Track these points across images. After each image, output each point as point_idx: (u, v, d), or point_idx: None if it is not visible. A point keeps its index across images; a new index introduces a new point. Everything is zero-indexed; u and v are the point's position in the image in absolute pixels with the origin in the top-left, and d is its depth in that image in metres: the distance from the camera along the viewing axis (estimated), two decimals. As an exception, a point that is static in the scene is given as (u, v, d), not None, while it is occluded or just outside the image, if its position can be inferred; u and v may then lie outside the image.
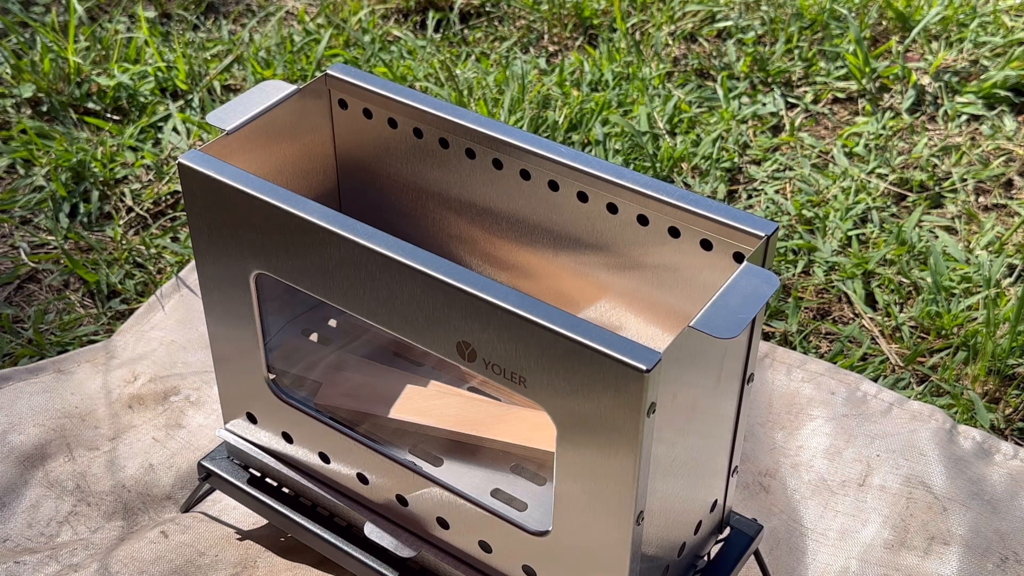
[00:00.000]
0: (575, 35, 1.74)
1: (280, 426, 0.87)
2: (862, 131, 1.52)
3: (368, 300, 0.74)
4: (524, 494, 0.84)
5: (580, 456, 0.69)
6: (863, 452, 1.08)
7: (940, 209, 1.41)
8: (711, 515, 0.84)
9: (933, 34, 1.70)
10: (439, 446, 0.88)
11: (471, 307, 0.68)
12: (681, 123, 1.53)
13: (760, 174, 1.46)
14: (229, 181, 0.76)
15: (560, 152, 0.80)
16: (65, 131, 1.50)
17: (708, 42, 1.71)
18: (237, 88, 1.61)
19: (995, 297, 1.25)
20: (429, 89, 1.58)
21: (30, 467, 1.05)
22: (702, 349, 0.70)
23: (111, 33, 1.69)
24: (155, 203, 1.40)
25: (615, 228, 0.81)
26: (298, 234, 0.74)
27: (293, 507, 0.90)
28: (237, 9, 1.81)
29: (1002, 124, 1.53)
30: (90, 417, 1.10)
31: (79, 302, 1.27)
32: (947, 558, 0.99)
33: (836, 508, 1.04)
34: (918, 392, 1.17)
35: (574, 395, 0.67)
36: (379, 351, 0.96)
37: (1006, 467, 1.07)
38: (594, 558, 0.73)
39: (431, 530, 0.82)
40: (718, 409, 0.77)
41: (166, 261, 1.31)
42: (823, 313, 1.27)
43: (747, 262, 0.70)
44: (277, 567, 0.92)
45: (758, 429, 1.11)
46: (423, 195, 0.91)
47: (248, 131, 0.83)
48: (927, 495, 1.04)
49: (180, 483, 1.05)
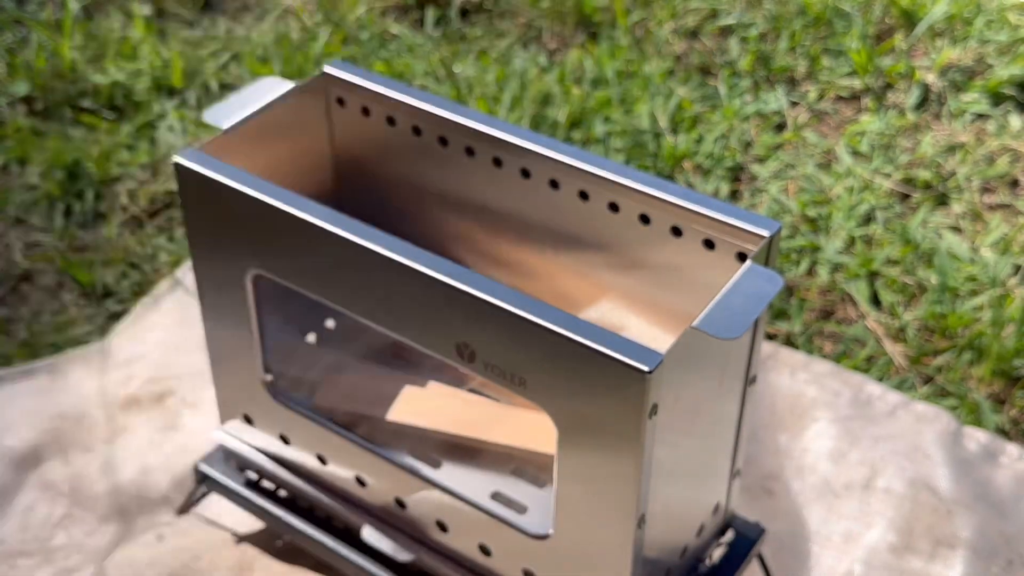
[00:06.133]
0: (576, 32, 1.73)
1: (277, 428, 0.86)
2: (866, 129, 1.52)
3: (366, 300, 0.73)
4: (524, 497, 0.84)
5: (581, 458, 0.69)
6: (868, 454, 1.07)
7: (945, 208, 1.40)
8: (714, 518, 0.83)
9: (938, 31, 1.69)
10: (438, 448, 0.88)
11: (470, 308, 0.68)
12: (683, 121, 1.53)
13: (763, 173, 1.45)
14: (226, 180, 0.75)
15: (561, 150, 0.80)
16: (60, 129, 1.49)
17: (710, 39, 1.71)
18: (234, 86, 1.61)
19: (1001, 297, 1.24)
20: (428, 87, 1.58)
21: (24, 470, 1.04)
22: (705, 350, 0.70)
23: (106, 30, 1.69)
24: (151, 202, 1.40)
25: (616, 227, 0.80)
26: (295, 234, 0.74)
27: (290, 510, 0.89)
28: (234, 6, 1.80)
29: (1008, 122, 1.52)
30: (85, 419, 1.10)
31: (73, 302, 1.26)
32: (952, 561, 0.98)
33: (840, 511, 1.03)
34: (923, 393, 1.16)
35: (575, 397, 0.66)
36: (378, 352, 0.95)
37: (1012, 469, 1.07)
38: (595, 561, 0.72)
39: (430, 533, 0.82)
40: (721, 411, 0.77)
41: (162, 261, 1.31)
42: (827, 313, 1.26)
43: (750, 262, 0.70)
44: (274, 571, 0.91)
45: (761, 431, 1.10)
46: (422, 194, 0.90)
47: (245, 129, 0.82)
48: (932, 498, 1.03)
49: (176, 486, 1.04)
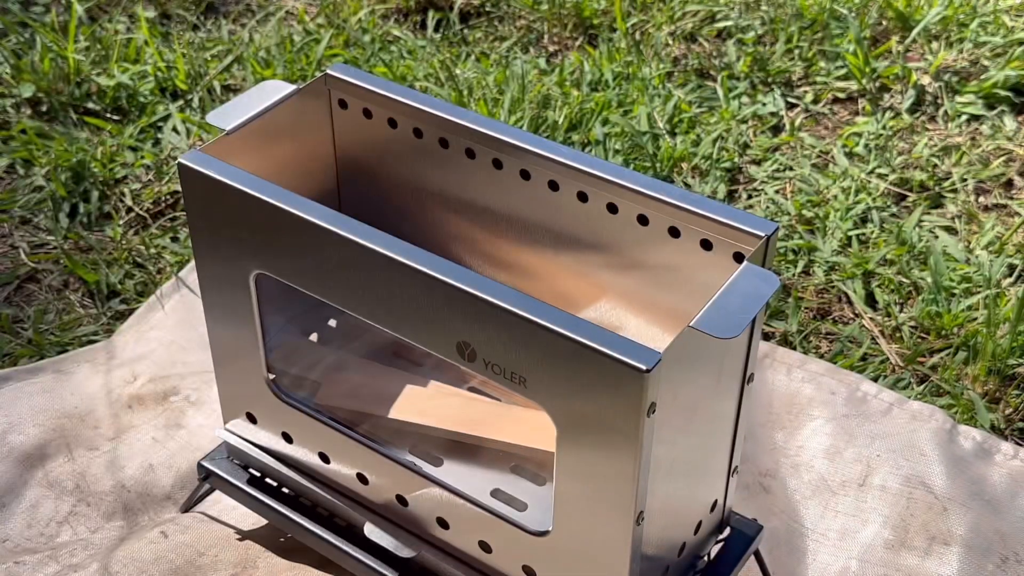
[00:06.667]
0: (575, 35, 1.74)
1: (280, 426, 0.87)
2: (862, 131, 1.52)
3: (368, 300, 0.73)
4: (524, 494, 0.84)
5: (580, 456, 0.69)
6: (863, 452, 1.08)
7: (940, 209, 1.41)
8: (711, 515, 0.84)
9: (933, 34, 1.70)
10: (439, 446, 0.88)
11: (471, 307, 0.68)
12: (681, 123, 1.53)
13: (760, 174, 1.46)
14: (229, 181, 0.76)
15: (560, 152, 0.80)
16: (65, 131, 1.50)
17: (708, 42, 1.71)
18: (237, 88, 1.61)
19: (995, 297, 1.25)
20: (429, 89, 1.58)
21: (30, 467, 1.05)
22: (702, 349, 0.70)
23: (111, 33, 1.69)
24: (155, 203, 1.40)
25: (615, 228, 0.80)
26: (298, 234, 0.74)
27: (293, 507, 0.90)
28: (237, 9, 1.81)
29: (1002, 124, 1.53)
30: (90, 417, 1.10)
31: (79, 302, 1.27)
32: (947, 558, 0.99)
33: (836, 508, 1.04)
34: (918, 392, 1.17)
35: (574, 395, 0.67)
36: (379, 351, 0.95)
37: (1006, 467, 1.07)
38: (594, 558, 0.73)
39: (431, 530, 0.82)
40: (718, 409, 0.77)
41: (166, 261, 1.31)
42: (823, 313, 1.27)
43: (747, 262, 0.70)
44: (277, 567, 0.92)
45: (758, 429, 1.10)
46: (423, 195, 0.91)
47: (248, 131, 0.83)
48: (927, 495, 1.04)
49: (180, 483, 1.05)
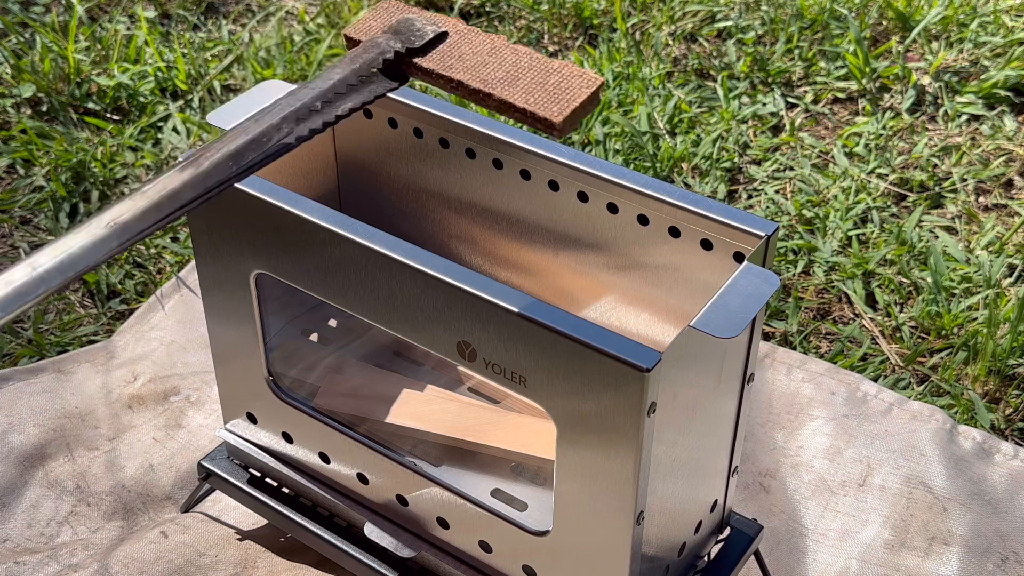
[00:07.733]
0: (575, 35, 1.74)
1: (280, 426, 0.87)
2: (862, 131, 1.52)
3: (368, 300, 0.74)
4: (524, 494, 0.84)
5: (580, 456, 0.69)
6: (863, 452, 1.08)
7: (940, 209, 1.41)
8: (711, 515, 0.84)
9: (933, 34, 1.70)
10: (437, 451, 0.88)
11: (471, 307, 0.68)
12: (681, 123, 1.53)
13: (760, 174, 1.46)
14: (229, 181, 0.76)
15: (560, 152, 0.80)
16: (65, 131, 1.50)
17: (708, 42, 1.71)
18: (237, 88, 1.61)
19: (995, 297, 1.25)
20: (429, 89, 1.58)
21: (30, 467, 1.05)
22: (702, 349, 0.70)
23: (111, 33, 1.69)
24: (155, 203, 1.40)
25: (615, 228, 0.80)
26: (298, 234, 0.74)
27: (293, 507, 0.90)
28: (237, 9, 1.81)
29: (1002, 124, 1.53)
30: (90, 417, 1.10)
31: (79, 302, 1.27)
32: (947, 558, 0.99)
33: (836, 508, 1.04)
34: (918, 392, 1.17)
35: (574, 395, 0.67)
36: (379, 351, 0.95)
37: (1006, 467, 1.07)
38: (594, 558, 0.73)
39: (431, 530, 0.82)
40: (718, 409, 0.77)
41: (166, 261, 1.31)
42: (823, 313, 1.27)
43: (747, 262, 0.70)
44: (277, 567, 0.92)
45: (758, 429, 1.11)
46: (423, 195, 0.91)
47: (248, 131, 0.83)
48: (927, 495, 1.04)
49: (180, 483, 1.05)
